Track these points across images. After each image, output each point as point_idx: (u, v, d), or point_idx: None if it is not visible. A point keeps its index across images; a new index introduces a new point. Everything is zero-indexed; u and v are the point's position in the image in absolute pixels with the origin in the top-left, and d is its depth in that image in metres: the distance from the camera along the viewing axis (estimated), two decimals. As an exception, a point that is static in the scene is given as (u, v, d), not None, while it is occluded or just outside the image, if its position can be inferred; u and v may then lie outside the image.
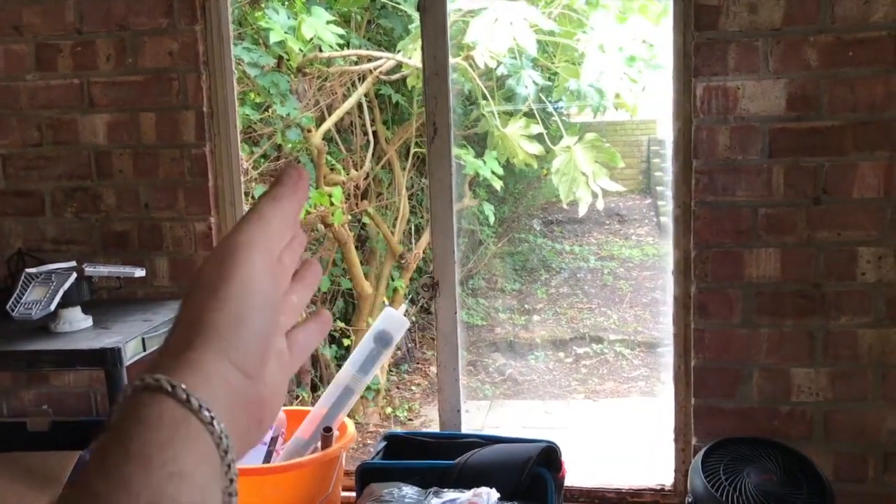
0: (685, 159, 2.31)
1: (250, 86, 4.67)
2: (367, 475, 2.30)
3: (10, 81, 2.58)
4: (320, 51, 4.62)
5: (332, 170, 5.46)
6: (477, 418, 6.29)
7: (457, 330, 2.52)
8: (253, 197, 4.93)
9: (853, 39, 2.16)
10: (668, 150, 2.29)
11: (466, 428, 2.62)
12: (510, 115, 4.53)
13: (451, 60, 4.40)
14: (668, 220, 10.86)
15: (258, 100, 4.89)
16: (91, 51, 2.54)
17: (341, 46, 4.87)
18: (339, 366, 6.04)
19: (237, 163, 2.58)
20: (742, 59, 2.22)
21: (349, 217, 5.53)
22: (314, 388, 5.81)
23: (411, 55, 4.46)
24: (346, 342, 5.92)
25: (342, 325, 5.95)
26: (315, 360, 5.95)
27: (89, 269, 2.27)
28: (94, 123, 2.57)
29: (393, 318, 2.34)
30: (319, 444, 2.28)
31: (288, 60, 4.76)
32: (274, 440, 2.36)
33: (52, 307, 2.14)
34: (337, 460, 2.22)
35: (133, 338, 2.16)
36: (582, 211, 4.22)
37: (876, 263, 2.21)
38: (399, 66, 4.68)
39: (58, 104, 2.58)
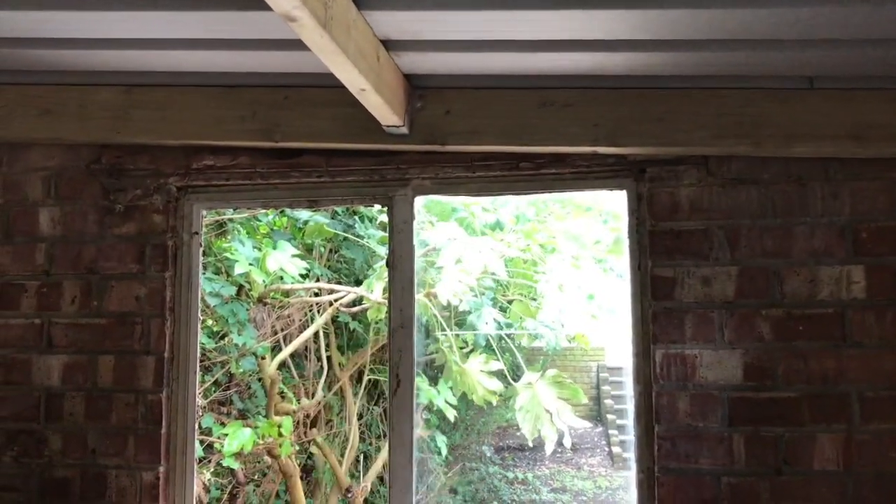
0: (647, 423, 2.33)
1: (209, 314, 4.68)
2: None
3: (-32, 319, 2.54)
4: (282, 281, 4.70)
5: (283, 397, 5.37)
6: None
7: None
8: (200, 426, 4.79)
9: (802, 315, 2.27)
10: (626, 382, 2.31)
11: None
12: (463, 349, 4.58)
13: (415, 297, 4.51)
14: (619, 451, 10.70)
15: (215, 328, 4.88)
16: (56, 292, 2.55)
17: (303, 276, 4.96)
18: None
19: (193, 410, 2.52)
20: (698, 329, 2.30)
21: (296, 447, 5.37)
22: None
23: (373, 290, 4.56)
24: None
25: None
26: None
27: (24, 526, 2.13)
28: (49, 364, 2.52)
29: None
30: None
31: (250, 290, 4.81)
32: None
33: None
34: None
35: None
36: (549, 449, 4.18)
37: (841, 539, 2.18)
38: (360, 298, 4.76)
39: (14, 343, 2.53)
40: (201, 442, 4.63)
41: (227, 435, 4.59)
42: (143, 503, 2.45)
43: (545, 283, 3.91)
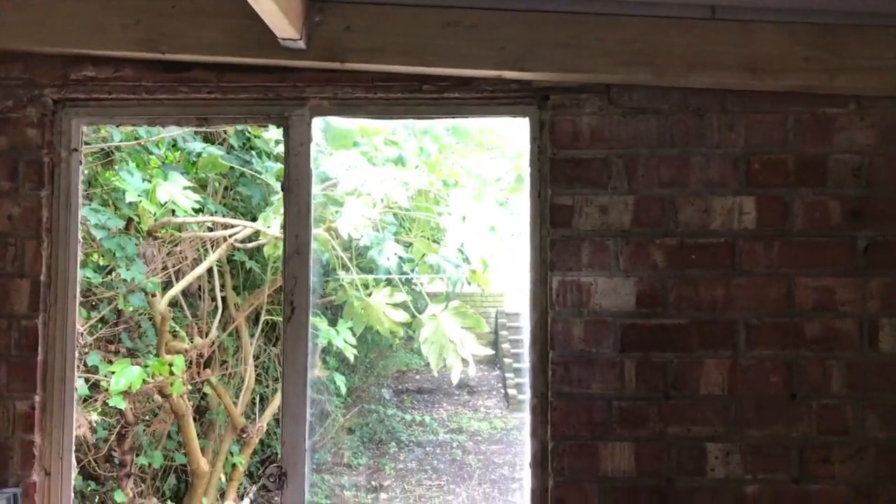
0: (542, 350, 2.34)
1: (94, 248, 4.46)
2: None
3: None
4: (174, 215, 4.50)
5: (175, 336, 5.20)
6: None
7: (305, 525, 2.35)
8: (86, 365, 4.59)
9: (695, 244, 2.31)
10: (523, 327, 2.33)
11: None
12: (367, 286, 4.52)
13: (313, 231, 4.41)
14: (515, 393, 10.96)
15: (102, 262, 4.65)
16: (-83, 210, 2.34)
17: (197, 211, 4.77)
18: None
19: (73, 336, 2.38)
20: (594, 257, 2.32)
21: (189, 387, 5.23)
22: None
23: (270, 224, 4.43)
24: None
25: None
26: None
27: None
28: (-90, 287, 2.33)
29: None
30: None
31: (139, 223, 4.60)
32: None
33: None
34: None
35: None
36: (455, 379, 4.20)
37: (724, 459, 2.26)
38: (256, 234, 4.62)
39: None
40: (87, 380, 4.44)
41: (114, 373, 4.43)
42: (17, 433, 2.32)
43: (447, 217, 3.89)
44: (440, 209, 4.03)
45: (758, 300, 2.30)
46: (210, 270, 5.15)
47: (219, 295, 5.36)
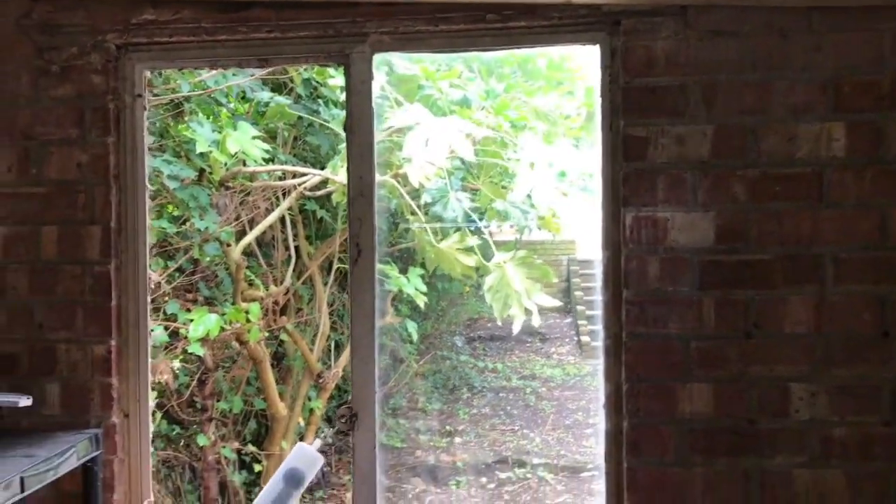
0: (615, 289, 2.26)
1: (168, 198, 4.52)
2: None
3: None
4: (244, 165, 4.52)
5: (250, 285, 5.27)
6: (395, 550, 5.95)
7: (376, 466, 2.35)
8: (165, 313, 4.70)
9: (779, 175, 2.17)
10: (596, 273, 2.25)
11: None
12: (437, 233, 4.47)
13: (380, 178, 4.37)
14: (588, 340, 10.87)
15: (176, 213, 4.72)
16: (-8, 159, 2.38)
17: (266, 161, 4.78)
18: (248, 494, 5.67)
19: (144, 282, 2.41)
20: (671, 191, 2.20)
21: (266, 334, 5.31)
22: (222, 516, 5.42)
23: (338, 172, 4.41)
24: (257, 468, 5.58)
25: (254, 448, 5.62)
26: (223, 487, 5.57)
27: (-34, 398, 2.04)
28: (-10, 236, 2.38)
29: (305, 455, 2.15)
30: None
31: (210, 174, 4.64)
32: None
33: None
34: None
35: (8, 477, 1.92)
36: (516, 329, 4.14)
37: (809, 400, 2.15)
38: (325, 181, 4.61)
39: (-49, 215, 2.39)
40: (166, 328, 4.55)
41: (192, 321, 4.52)
42: (96, 377, 2.37)
43: (515, 162, 3.79)
44: (508, 153, 3.93)
45: (847, 233, 2.15)
46: (283, 220, 5.18)
47: (292, 244, 5.40)
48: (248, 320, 4.71)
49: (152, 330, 4.45)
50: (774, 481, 2.16)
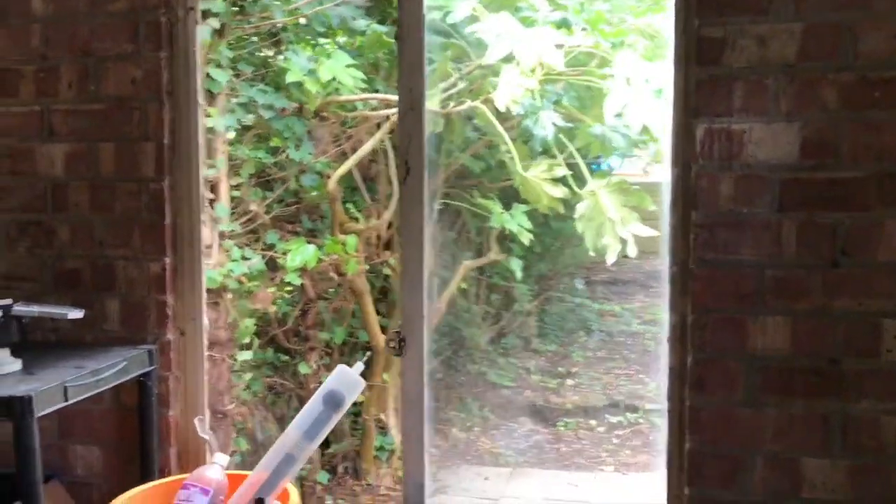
0: (684, 211, 2.03)
1: (265, 129, 4.54)
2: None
3: (-30, 107, 2.45)
4: (338, 93, 4.47)
5: (350, 217, 5.28)
6: (497, 486, 5.93)
7: (424, 394, 2.25)
8: (264, 243, 4.77)
9: (879, 79, 1.87)
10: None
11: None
12: (526, 161, 4.27)
13: (470, 104, 4.20)
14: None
15: (274, 143, 4.75)
16: (54, 77, 2.40)
17: (364, 91, 4.72)
18: (353, 423, 5.77)
19: (198, 199, 2.38)
20: (749, 99, 1.94)
21: (366, 267, 5.32)
22: (325, 443, 5.54)
23: (432, 101, 4.29)
24: (359, 398, 5.65)
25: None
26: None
27: (18, 309, 2.09)
28: (52, 153, 2.42)
29: (346, 377, 2.08)
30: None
31: (306, 104, 4.62)
32: (212, 507, 2.11)
33: (-32, 347, 1.95)
34: (269, 536, 1.95)
35: (50, 386, 1.96)
36: (610, 259, 3.91)
37: (904, 339, 1.88)
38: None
39: (15, 132, 2.43)
40: (263, 257, 4.62)
41: (289, 251, 4.57)
42: (152, 294, 2.38)
43: (611, 81, 3.52)
44: (604, 72, 3.66)
45: (961, 147, 1.83)
46: (385, 153, 5.12)
47: (394, 178, 5.35)
48: (345, 252, 4.72)
49: (248, 258, 4.53)
50: (859, 428, 1.91)
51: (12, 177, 2.45)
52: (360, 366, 2.13)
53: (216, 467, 2.18)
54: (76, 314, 2.15)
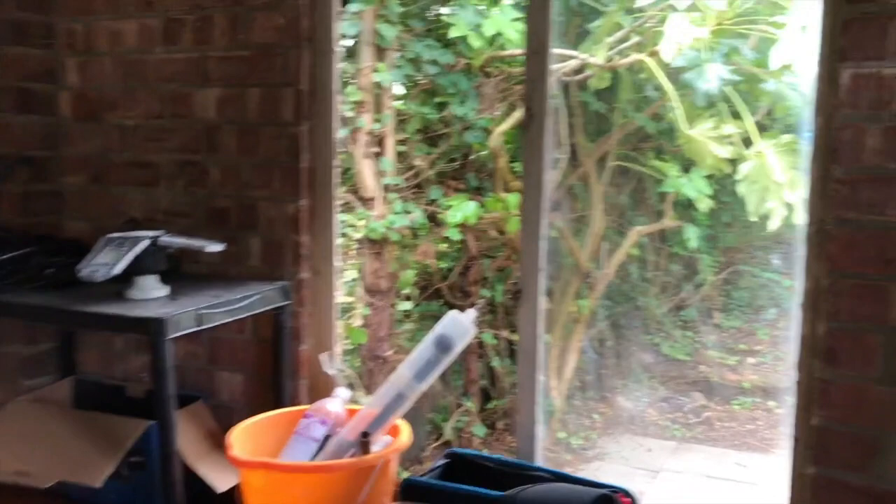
0: (824, 165, 1.84)
1: (428, 84, 4.60)
2: (410, 491, 2.08)
3: (141, 55, 2.67)
4: (502, 48, 4.44)
5: (515, 175, 5.25)
6: (659, 459, 5.76)
7: (538, 346, 2.22)
8: (428, 198, 4.87)
9: None
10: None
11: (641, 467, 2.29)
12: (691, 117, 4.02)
13: (635, 57, 4.02)
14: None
15: (439, 99, 4.81)
16: (209, 25, 2.56)
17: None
18: (513, 376, 5.80)
19: (333, 145, 2.47)
20: (907, 39, 1.72)
21: (530, 227, 5.29)
22: (486, 398, 5.62)
23: (594, 53, 4.16)
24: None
25: (518, 337, 5.70)
26: (490, 370, 5.77)
27: (164, 239, 2.27)
28: (206, 98, 2.59)
29: (456, 323, 2.09)
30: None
31: (471, 59, 4.63)
32: (327, 438, 2.21)
33: (117, 271, 2.15)
34: (373, 469, 2.01)
35: (186, 311, 2.12)
36: (773, 225, 3.64)
37: None
38: (583, 66, 4.37)
39: (178, 77, 2.63)
40: (424, 211, 4.72)
41: (451, 206, 4.63)
42: (290, 234, 2.51)
43: (781, 27, 3.22)
44: (779, 20, 3.35)
45: None
46: (555, 110, 5.04)
47: (564, 136, 5.25)
48: (505, 209, 4.72)
49: (410, 212, 4.64)
50: None
51: (174, 119, 2.65)
52: (472, 312, 2.13)
53: (337, 400, 2.28)
54: (215, 247, 2.30)
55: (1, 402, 2.63)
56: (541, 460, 2.25)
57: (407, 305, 4.96)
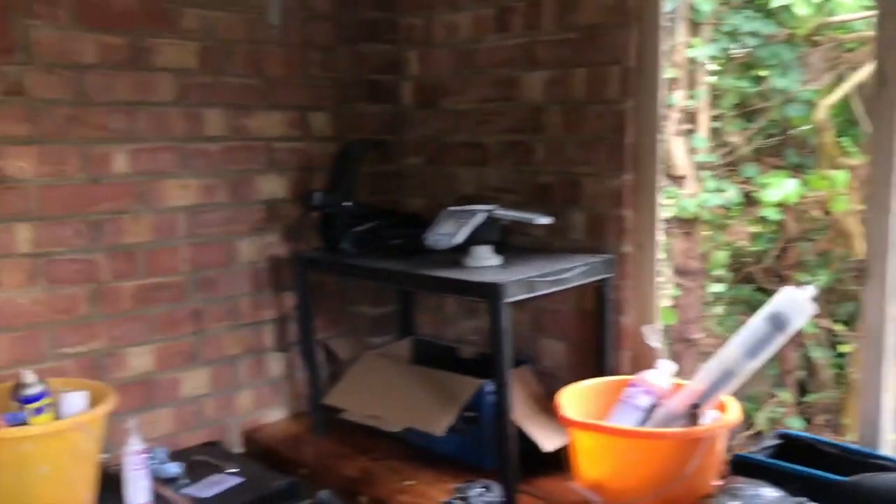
0: None
1: (749, 58, 4.39)
2: (741, 467, 2.06)
3: (474, 44, 2.87)
4: (831, 14, 4.12)
5: (843, 151, 4.84)
6: None
7: (885, 328, 2.06)
8: (742, 176, 4.66)
9: None
10: None
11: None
12: None
13: None
14: None
15: (756, 72, 4.57)
16: (537, 11, 2.69)
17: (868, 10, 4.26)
18: (834, 368, 5.40)
19: (657, 121, 2.48)
20: None
21: (860, 207, 4.85)
22: (802, 392, 5.30)
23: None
24: (842, 348, 5.25)
25: (841, 327, 5.28)
26: (809, 361, 5.42)
27: (497, 212, 2.43)
28: (534, 80, 2.72)
29: (792, 300, 2.01)
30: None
31: (796, 28, 4.34)
32: (652, 408, 2.24)
33: (458, 240, 2.35)
34: (700, 441, 2.01)
35: (518, 278, 2.26)
36: None
37: None
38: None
39: (508, 63, 2.79)
40: (739, 190, 4.53)
41: (767, 184, 4.40)
42: (613, 209, 2.56)
43: None
44: None
45: None
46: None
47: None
48: (833, 189, 4.38)
49: (723, 191, 4.49)
50: None
51: (502, 103, 2.82)
52: (810, 289, 2.04)
53: (661, 372, 2.30)
54: (543, 220, 2.42)
55: (354, 355, 3.00)
56: (887, 449, 2.10)
57: (718, 288, 4.80)
